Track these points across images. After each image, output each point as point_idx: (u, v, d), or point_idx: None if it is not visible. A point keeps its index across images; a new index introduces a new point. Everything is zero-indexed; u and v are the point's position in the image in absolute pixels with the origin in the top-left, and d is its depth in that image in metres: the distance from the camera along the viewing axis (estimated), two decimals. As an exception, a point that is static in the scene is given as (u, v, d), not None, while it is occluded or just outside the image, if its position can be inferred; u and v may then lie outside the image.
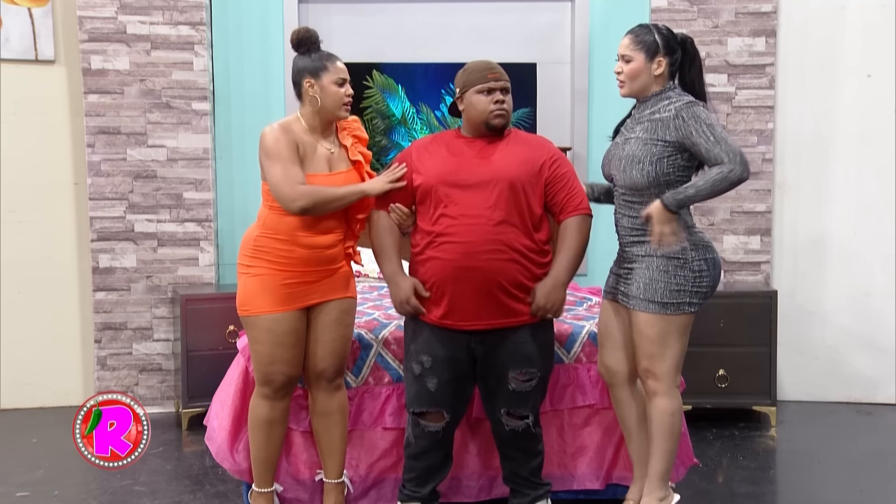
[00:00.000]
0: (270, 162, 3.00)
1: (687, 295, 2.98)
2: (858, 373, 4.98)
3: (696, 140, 2.90)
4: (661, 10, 4.83)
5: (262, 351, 3.10)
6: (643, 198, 3.01)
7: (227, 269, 4.96)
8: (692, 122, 2.91)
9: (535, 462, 3.20)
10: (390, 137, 4.97)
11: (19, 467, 4.02)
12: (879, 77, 4.86)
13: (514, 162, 3.03)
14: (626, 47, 3.04)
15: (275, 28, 4.95)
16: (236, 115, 4.96)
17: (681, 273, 2.97)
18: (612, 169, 3.11)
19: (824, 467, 4.08)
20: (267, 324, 3.07)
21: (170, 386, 4.85)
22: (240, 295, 3.13)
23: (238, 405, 3.31)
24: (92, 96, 4.73)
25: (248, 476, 3.31)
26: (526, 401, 3.10)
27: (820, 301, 4.98)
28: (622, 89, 3.09)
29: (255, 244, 3.08)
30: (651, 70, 3.03)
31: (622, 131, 3.15)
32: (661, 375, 3.02)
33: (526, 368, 3.06)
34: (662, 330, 2.99)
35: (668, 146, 2.97)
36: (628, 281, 3.07)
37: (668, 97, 3.02)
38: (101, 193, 4.76)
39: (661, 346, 3.00)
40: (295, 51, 3.15)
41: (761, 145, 4.86)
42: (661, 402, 3.04)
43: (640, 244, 3.04)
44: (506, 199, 2.99)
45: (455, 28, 5.06)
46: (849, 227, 4.94)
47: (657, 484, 3.08)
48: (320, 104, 3.08)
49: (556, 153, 3.13)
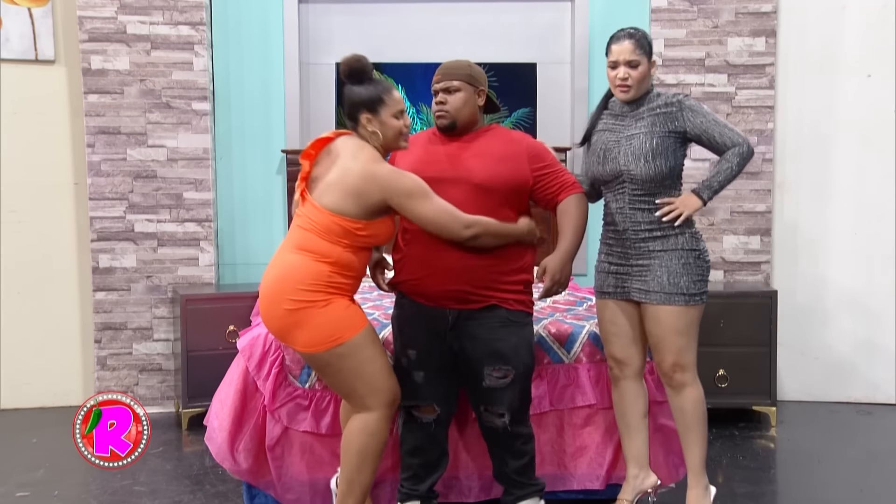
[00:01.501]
0: (421, 196, 2.86)
1: (705, 284, 3.13)
2: (858, 373, 4.98)
3: (709, 128, 3.07)
4: (661, 10, 4.83)
5: (378, 367, 2.93)
6: (658, 190, 3.10)
7: (226, 269, 4.96)
8: (700, 112, 3.08)
9: (520, 462, 3.16)
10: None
11: (19, 467, 4.02)
12: (879, 77, 4.86)
13: (487, 161, 3.04)
14: (632, 52, 3.09)
15: (275, 28, 4.95)
16: (236, 115, 4.96)
17: (698, 264, 3.10)
18: (621, 165, 3.11)
19: (824, 467, 4.07)
20: (369, 337, 2.94)
21: (170, 386, 4.85)
22: (322, 329, 2.86)
23: (238, 405, 3.31)
24: (92, 96, 4.73)
25: (248, 476, 3.31)
26: (502, 398, 3.08)
27: (820, 301, 4.98)
28: (627, 94, 3.13)
29: (327, 280, 2.86)
30: (651, 71, 3.15)
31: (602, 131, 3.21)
32: (688, 366, 3.13)
33: (499, 365, 3.05)
34: (688, 321, 3.10)
35: (679, 137, 3.10)
36: (644, 277, 3.10)
37: (658, 93, 3.17)
38: (101, 193, 4.76)
39: (686, 338, 3.10)
40: (346, 82, 2.99)
41: (761, 145, 4.86)
42: (692, 393, 3.14)
43: (655, 239, 3.09)
44: (473, 198, 2.99)
45: (455, 28, 5.06)
46: (849, 226, 4.94)
47: (701, 472, 3.19)
48: (382, 139, 2.97)
49: (533, 148, 3.13)
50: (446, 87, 3.07)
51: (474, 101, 3.09)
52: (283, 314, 2.85)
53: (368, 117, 2.94)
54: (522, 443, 3.16)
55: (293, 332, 2.87)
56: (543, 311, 3.74)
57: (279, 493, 3.33)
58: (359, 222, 2.87)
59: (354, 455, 2.96)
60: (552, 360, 3.41)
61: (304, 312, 2.84)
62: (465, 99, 3.07)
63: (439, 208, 2.88)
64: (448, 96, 3.06)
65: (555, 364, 3.41)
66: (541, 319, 3.54)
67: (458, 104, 3.06)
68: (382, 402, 2.94)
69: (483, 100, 3.12)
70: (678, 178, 3.17)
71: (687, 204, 3.07)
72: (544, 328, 3.45)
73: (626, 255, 3.15)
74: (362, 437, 2.94)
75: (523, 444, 3.16)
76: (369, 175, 2.85)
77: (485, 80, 3.14)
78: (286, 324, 2.87)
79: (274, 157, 4.98)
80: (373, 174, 2.85)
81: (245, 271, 4.99)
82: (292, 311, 2.84)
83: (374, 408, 2.94)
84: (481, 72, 3.15)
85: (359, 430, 2.95)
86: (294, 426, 3.31)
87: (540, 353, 3.40)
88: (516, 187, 3.06)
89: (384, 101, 2.94)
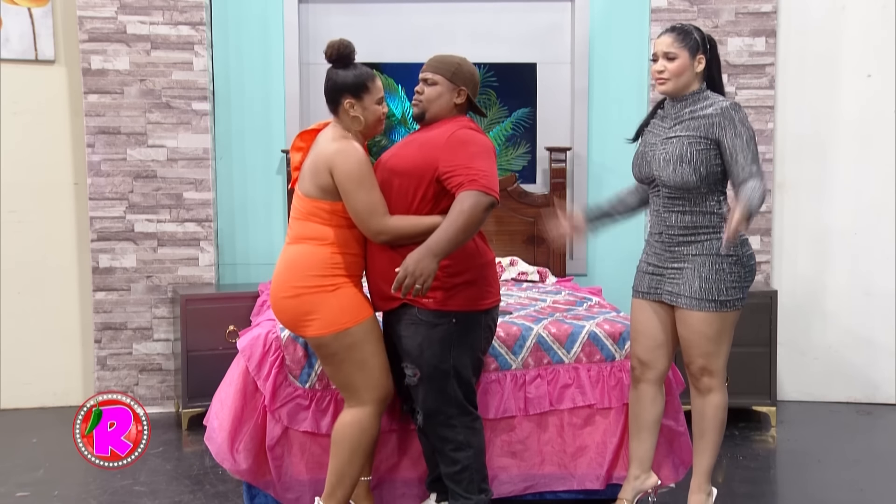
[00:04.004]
0: (356, 187, 2.89)
1: (741, 291, 3.06)
2: (858, 373, 4.98)
3: (737, 146, 2.95)
4: (661, 10, 4.82)
5: (375, 361, 3.00)
6: (692, 195, 3.04)
7: (226, 269, 4.96)
8: (740, 126, 2.97)
9: (450, 469, 3.08)
10: (390, 137, 4.97)
11: (19, 467, 4.02)
12: (879, 77, 4.86)
13: (412, 151, 3.03)
14: (670, 45, 3.07)
15: (275, 28, 4.95)
16: (236, 115, 4.96)
17: (735, 269, 3.03)
18: (654, 170, 3.09)
19: (824, 467, 4.07)
20: (369, 328, 3.00)
21: (170, 386, 4.85)
22: (326, 314, 2.94)
23: (238, 405, 3.31)
24: (92, 96, 4.73)
25: (248, 476, 3.30)
26: (415, 395, 3.07)
27: (820, 301, 4.98)
28: (664, 86, 3.08)
29: (331, 262, 2.95)
30: (693, 67, 3.07)
31: (649, 131, 3.16)
32: (717, 372, 3.10)
33: (406, 363, 3.04)
34: (720, 327, 3.06)
35: (712, 144, 3.00)
36: (677, 280, 3.08)
37: (707, 97, 3.07)
38: (101, 193, 4.76)
39: (717, 344, 3.07)
40: (330, 63, 3.02)
41: (761, 145, 4.85)
42: (716, 398, 3.13)
43: (689, 244, 3.06)
44: (392, 187, 2.99)
45: (455, 28, 5.05)
46: (849, 226, 4.94)
47: (706, 478, 3.18)
48: (364, 124, 3.02)
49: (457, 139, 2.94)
50: (425, 77, 3.09)
51: (450, 98, 3.07)
52: (294, 302, 2.95)
53: (352, 102, 2.99)
54: (452, 449, 3.06)
55: (304, 319, 2.96)
56: (543, 311, 3.74)
57: (279, 492, 3.32)
58: (330, 203, 2.95)
59: (346, 448, 3.02)
60: (552, 360, 3.41)
61: (314, 297, 2.93)
62: (439, 93, 3.06)
63: (366, 203, 2.89)
64: (426, 87, 3.08)
65: (555, 364, 3.41)
66: (541, 319, 3.54)
67: (432, 97, 3.07)
68: (377, 398, 3.02)
69: (462, 99, 3.07)
70: (716, 185, 3.04)
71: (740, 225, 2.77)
72: (544, 328, 3.45)
73: (662, 258, 3.13)
74: (354, 431, 3.02)
75: (453, 451, 3.06)
76: (325, 154, 2.93)
77: (470, 81, 3.09)
78: (298, 312, 2.96)
79: (274, 158, 4.98)
80: (327, 153, 2.93)
81: (245, 271, 4.99)
82: (302, 298, 2.94)
83: (367, 402, 3.01)
84: (469, 72, 3.10)
85: (350, 423, 3.02)
86: (294, 426, 3.31)
87: (540, 353, 3.41)
88: (420, 172, 2.95)
89: (368, 87, 3.00)
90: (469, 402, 3.09)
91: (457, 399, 3.05)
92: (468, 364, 3.07)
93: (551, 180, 4.94)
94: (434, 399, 3.04)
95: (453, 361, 3.02)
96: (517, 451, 3.39)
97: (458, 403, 3.06)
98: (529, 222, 4.94)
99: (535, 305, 3.86)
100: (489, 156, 2.95)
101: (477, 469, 3.09)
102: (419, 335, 2.99)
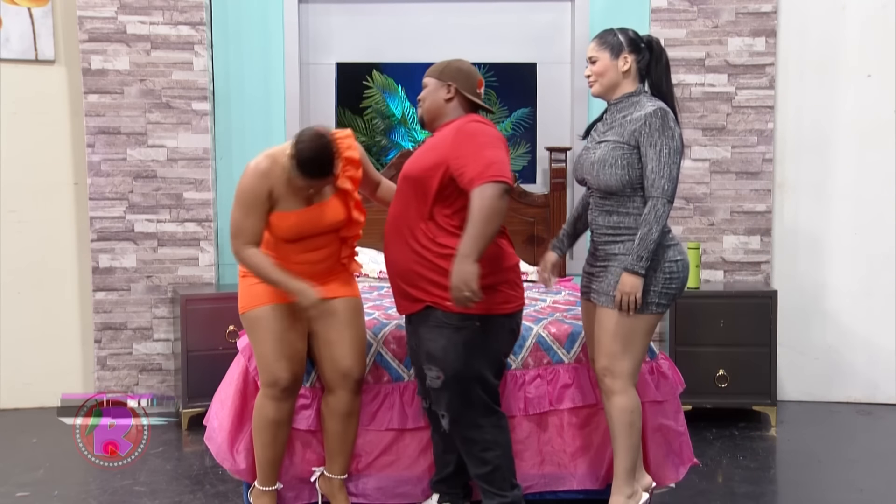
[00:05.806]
0: (234, 203, 3.10)
1: (655, 296, 3.01)
2: (858, 373, 4.98)
3: (649, 155, 2.94)
4: (661, 10, 4.83)
5: (266, 348, 3.13)
6: (618, 197, 3.04)
7: (226, 269, 4.96)
8: (656, 134, 2.94)
9: (481, 470, 3.06)
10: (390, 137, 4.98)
11: (19, 467, 4.02)
12: (879, 77, 4.87)
13: (423, 154, 3.03)
14: (592, 49, 3.11)
15: (275, 28, 4.95)
16: (236, 115, 4.96)
17: (650, 274, 2.98)
18: (584, 173, 3.12)
19: (824, 467, 4.07)
20: (269, 315, 3.13)
21: (170, 386, 4.85)
22: (240, 297, 3.22)
23: (238, 405, 3.31)
24: (92, 96, 4.73)
25: (247, 476, 3.31)
26: (439, 398, 3.05)
27: (820, 301, 4.98)
28: (592, 88, 3.13)
29: None
30: (618, 67, 3.06)
31: (593, 135, 3.18)
32: (620, 374, 3.05)
33: (430, 365, 3.03)
34: (628, 329, 3.02)
35: (634, 149, 2.99)
36: (601, 279, 3.09)
37: (639, 101, 3.05)
38: (101, 193, 4.76)
39: (623, 346, 3.03)
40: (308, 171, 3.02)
41: (761, 145, 4.86)
42: (619, 401, 3.07)
43: (613, 243, 3.06)
44: (404, 190, 3.03)
45: (455, 28, 5.06)
46: (849, 226, 4.94)
47: (624, 481, 3.13)
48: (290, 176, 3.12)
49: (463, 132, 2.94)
50: (423, 83, 3.13)
51: (438, 95, 3.07)
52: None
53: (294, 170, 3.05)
54: (481, 450, 3.04)
55: None
56: (543, 311, 3.74)
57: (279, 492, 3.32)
58: None
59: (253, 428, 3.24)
60: (552, 360, 3.41)
61: (239, 283, 3.25)
62: (429, 92, 3.09)
63: (236, 222, 3.08)
64: (423, 91, 3.12)
65: (555, 364, 3.41)
66: (541, 319, 3.54)
67: (424, 96, 3.11)
68: (265, 381, 3.17)
69: (451, 94, 3.06)
70: (641, 188, 3.00)
71: (626, 288, 2.93)
72: (544, 328, 3.45)
73: (593, 257, 3.16)
74: (255, 411, 3.22)
75: (482, 452, 3.04)
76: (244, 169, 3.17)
77: (458, 76, 3.06)
78: None
79: (274, 157, 4.97)
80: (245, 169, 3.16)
81: (245, 271, 4.99)
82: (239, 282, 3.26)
83: (261, 384, 3.19)
84: (457, 68, 3.08)
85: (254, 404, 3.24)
86: (294, 425, 3.31)
87: (540, 353, 3.41)
88: (433, 172, 2.93)
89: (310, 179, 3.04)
90: (494, 402, 3.09)
91: (481, 400, 3.03)
92: (491, 367, 3.06)
93: (551, 180, 4.94)
94: (459, 402, 3.01)
95: (477, 364, 2.99)
96: (517, 451, 3.38)
97: (483, 404, 3.04)
98: (529, 222, 4.94)
99: (534, 305, 3.86)
100: (498, 144, 2.93)
101: (507, 466, 3.10)
102: (443, 338, 2.98)
